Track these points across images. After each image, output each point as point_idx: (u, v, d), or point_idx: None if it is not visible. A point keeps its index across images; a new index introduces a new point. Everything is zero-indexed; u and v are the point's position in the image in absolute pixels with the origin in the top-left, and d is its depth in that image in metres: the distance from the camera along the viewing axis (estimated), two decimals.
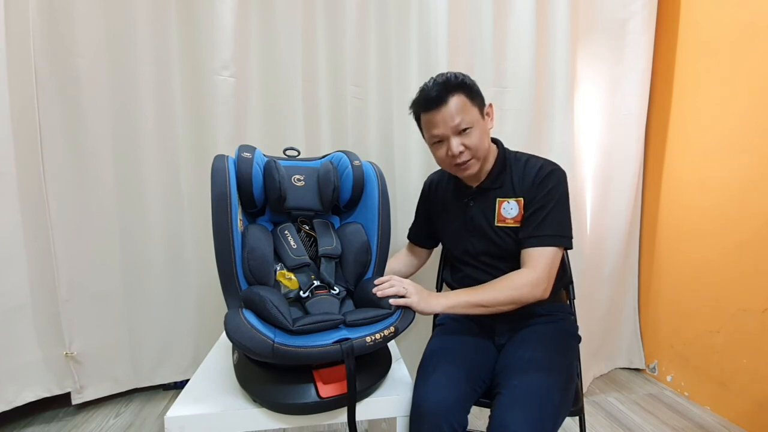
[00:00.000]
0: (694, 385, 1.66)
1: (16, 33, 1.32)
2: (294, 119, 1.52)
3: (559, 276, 1.08)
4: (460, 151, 0.97)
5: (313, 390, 0.79)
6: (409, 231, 1.29)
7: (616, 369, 1.92)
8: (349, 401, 0.78)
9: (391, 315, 0.86)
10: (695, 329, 1.65)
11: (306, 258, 0.95)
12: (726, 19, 1.53)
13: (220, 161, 0.87)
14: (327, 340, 0.77)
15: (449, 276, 1.17)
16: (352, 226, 1.02)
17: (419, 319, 1.34)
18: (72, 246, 1.43)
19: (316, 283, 0.93)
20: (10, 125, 1.35)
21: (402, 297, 0.88)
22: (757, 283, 1.42)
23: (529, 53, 1.58)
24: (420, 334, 1.47)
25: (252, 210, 0.99)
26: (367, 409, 0.84)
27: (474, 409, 0.89)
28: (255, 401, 0.81)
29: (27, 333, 1.43)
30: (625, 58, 1.73)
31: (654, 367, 1.85)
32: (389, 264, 1.26)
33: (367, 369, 0.85)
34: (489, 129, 1.03)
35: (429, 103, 0.98)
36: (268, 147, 1.17)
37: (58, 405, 1.54)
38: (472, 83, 1.00)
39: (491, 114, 1.04)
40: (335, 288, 0.93)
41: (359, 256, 0.98)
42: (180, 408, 0.80)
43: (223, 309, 0.84)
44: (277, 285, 0.92)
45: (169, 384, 1.65)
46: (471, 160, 0.99)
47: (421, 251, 1.27)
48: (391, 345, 1.05)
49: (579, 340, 1.07)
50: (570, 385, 0.91)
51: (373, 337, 0.80)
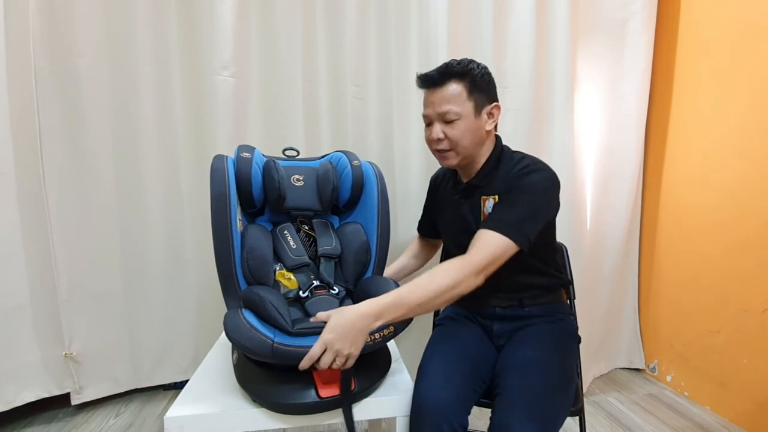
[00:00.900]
0: (694, 385, 1.66)
1: (16, 33, 1.32)
2: (294, 119, 1.52)
3: (559, 276, 1.08)
4: (439, 138, 0.96)
5: (313, 390, 0.79)
6: (419, 223, 1.32)
7: (616, 369, 1.92)
8: (344, 400, 0.79)
9: None
10: (695, 329, 1.65)
11: (305, 258, 0.95)
12: (726, 19, 1.53)
13: (219, 161, 0.88)
14: None
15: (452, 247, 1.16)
16: (351, 226, 1.02)
17: (419, 319, 1.34)
18: (72, 246, 1.43)
19: (315, 283, 0.93)
20: (9, 125, 1.35)
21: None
22: (757, 283, 1.42)
23: (529, 53, 1.58)
24: (420, 334, 1.47)
25: (251, 210, 0.98)
26: (367, 409, 0.84)
27: (474, 409, 0.88)
28: (254, 401, 0.81)
29: (27, 333, 1.43)
30: (625, 58, 1.73)
31: (654, 367, 1.85)
32: (399, 260, 1.29)
33: (367, 369, 0.85)
34: (485, 128, 0.99)
35: (426, 81, 0.98)
36: (268, 147, 1.17)
37: (57, 405, 1.53)
38: (479, 75, 0.96)
39: (495, 115, 1.00)
40: (335, 288, 0.93)
41: (359, 255, 0.97)
42: (180, 408, 0.80)
43: (223, 309, 0.84)
44: (277, 285, 0.92)
45: (169, 384, 1.65)
46: (450, 151, 0.98)
47: (430, 243, 1.30)
48: (391, 345, 1.05)
49: (579, 340, 1.07)
50: (570, 385, 0.91)
51: (372, 337, 0.80)
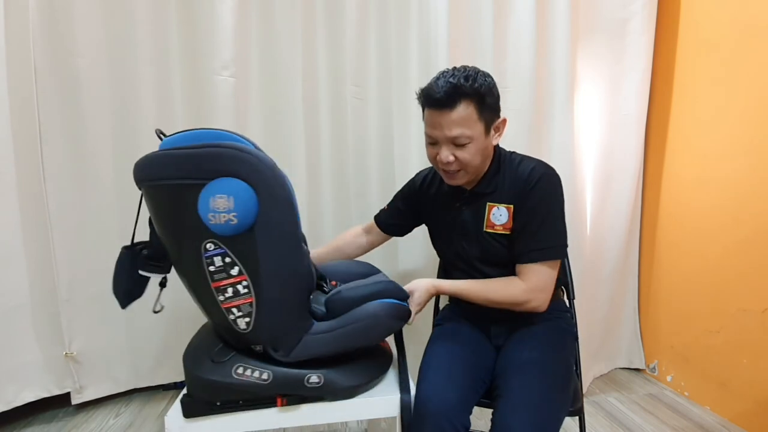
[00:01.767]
0: (694, 385, 1.66)
1: (16, 33, 1.32)
2: (294, 119, 1.52)
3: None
4: (449, 161, 0.93)
5: None
6: (380, 214, 1.24)
7: (616, 369, 1.92)
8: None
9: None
10: (695, 329, 1.65)
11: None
12: (726, 19, 1.53)
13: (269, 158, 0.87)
14: None
15: (446, 277, 1.15)
16: None
17: (420, 320, 1.34)
18: (72, 246, 1.43)
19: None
20: (10, 125, 1.35)
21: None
22: (757, 283, 1.42)
23: (529, 53, 1.58)
24: (420, 334, 1.46)
25: None
26: (367, 409, 0.84)
27: (474, 410, 0.89)
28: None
29: (27, 333, 1.43)
30: (625, 58, 1.73)
31: (654, 367, 1.85)
32: (335, 242, 1.24)
33: (366, 365, 0.87)
34: (493, 144, 0.98)
35: (433, 102, 0.91)
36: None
37: (57, 405, 1.53)
38: (487, 92, 0.91)
39: (501, 130, 0.98)
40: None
41: None
42: (180, 408, 0.80)
43: None
44: None
45: (169, 384, 1.65)
46: (460, 171, 0.95)
47: (382, 236, 1.24)
48: (391, 344, 1.05)
49: (576, 337, 1.07)
50: (569, 383, 0.91)
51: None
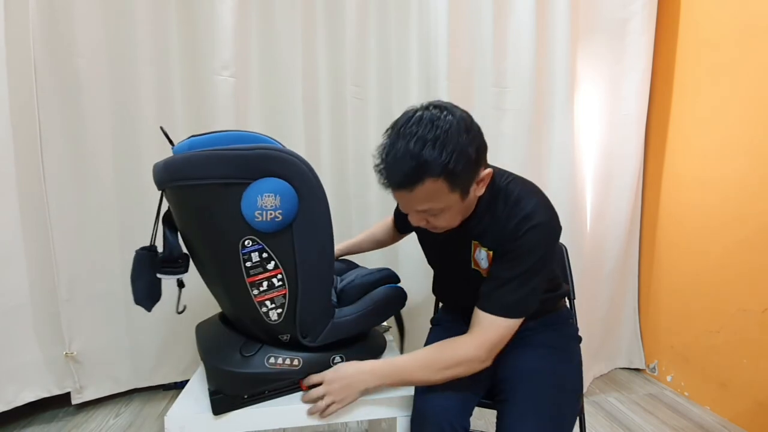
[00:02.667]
0: (694, 385, 1.66)
1: (16, 33, 1.32)
2: (294, 119, 1.52)
3: (556, 291, 1.04)
4: (420, 225, 0.83)
5: None
6: (396, 216, 1.25)
7: (616, 369, 1.92)
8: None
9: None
10: (695, 329, 1.65)
11: None
12: (726, 19, 1.53)
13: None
14: None
15: (437, 288, 1.13)
16: None
17: (420, 320, 1.34)
18: (72, 246, 1.43)
19: None
20: (10, 125, 1.35)
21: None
22: (757, 283, 1.42)
23: (529, 53, 1.58)
24: (420, 334, 1.46)
25: None
26: (367, 409, 0.84)
27: (474, 410, 0.88)
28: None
29: (27, 333, 1.43)
30: (625, 58, 1.73)
31: (654, 367, 1.85)
32: (372, 230, 1.29)
33: (372, 344, 0.92)
34: (477, 195, 0.82)
35: (391, 184, 0.74)
36: None
37: (58, 405, 1.53)
38: (458, 160, 0.70)
39: (486, 180, 0.80)
40: None
41: None
42: (180, 408, 0.80)
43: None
44: None
45: (169, 384, 1.65)
46: (437, 227, 0.84)
47: (400, 235, 1.29)
48: (390, 344, 1.05)
49: (580, 340, 1.07)
50: (576, 392, 0.91)
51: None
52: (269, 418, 0.80)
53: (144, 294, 0.83)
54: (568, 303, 1.15)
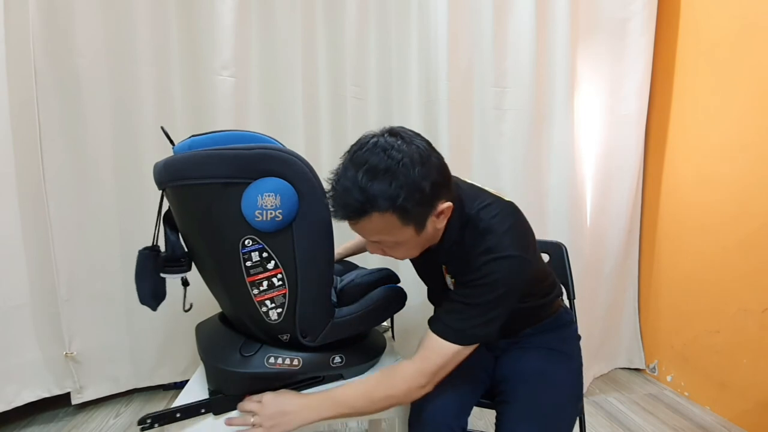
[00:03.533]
0: (694, 385, 1.66)
1: (16, 32, 1.32)
2: (294, 119, 1.52)
3: (551, 297, 1.01)
4: (378, 254, 0.80)
5: None
6: None
7: (616, 369, 1.92)
8: None
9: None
10: (695, 329, 1.65)
11: None
12: (726, 19, 1.53)
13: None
14: None
15: (429, 297, 1.11)
16: None
17: (420, 320, 1.33)
18: (72, 246, 1.42)
19: None
20: (9, 125, 1.35)
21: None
22: (757, 283, 1.42)
23: (529, 53, 1.58)
24: (420, 334, 1.47)
25: None
26: None
27: (474, 410, 0.89)
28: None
29: (27, 333, 1.43)
30: (625, 58, 1.73)
31: (654, 367, 1.85)
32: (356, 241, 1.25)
33: (370, 344, 0.93)
34: (438, 228, 0.77)
35: (336, 213, 0.71)
36: None
37: (58, 405, 1.53)
38: (409, 196, 0.66)
39: (447, 213, 0.75)
40: None
41: None
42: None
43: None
44: None
45: (169, 384, 1.65)
46: (397, 257, 0.82)
47: None
48: (390, 343, 1.05)
49: (579, 338, 1.06)
50: (579, 396, 0.92)
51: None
52: None
53: (149, 294, 0.83)
54: (567, 303, 1.15)
